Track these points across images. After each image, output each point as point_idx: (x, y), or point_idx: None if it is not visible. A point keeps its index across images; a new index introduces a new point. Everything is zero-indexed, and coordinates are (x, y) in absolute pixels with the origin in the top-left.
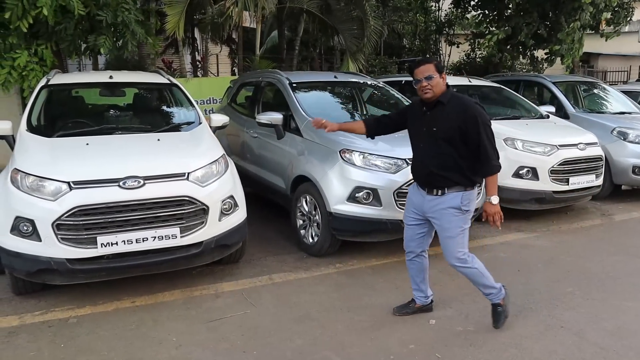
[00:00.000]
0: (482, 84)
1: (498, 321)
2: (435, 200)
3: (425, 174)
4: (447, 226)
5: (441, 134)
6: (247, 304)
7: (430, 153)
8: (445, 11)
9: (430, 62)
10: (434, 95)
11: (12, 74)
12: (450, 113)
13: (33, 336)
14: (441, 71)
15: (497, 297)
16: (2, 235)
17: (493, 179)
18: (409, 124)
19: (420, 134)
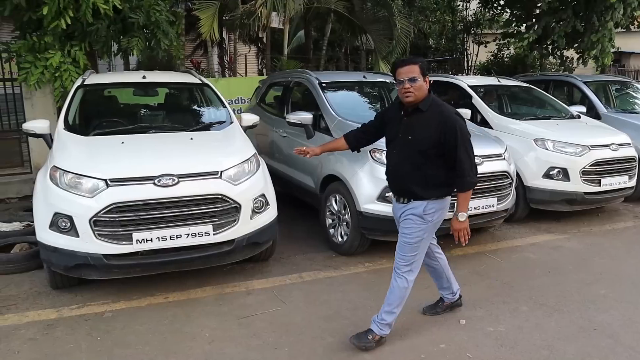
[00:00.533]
0: (511, 83)
1: (360, 339)
2: (403, 208)
3: (396, 181)
4: (407, 231)
5: (416, 144)
6: (278, 301)
7: (404, 162)
8: (473, 10)
9: (415, 63)
10: (416, 100)
11: (45, 74)
12: (428, 122)
13: (71, 329)
14: (426, 74)
15: (382, 330)
16: (42, 231)
17: (466, 195)
18: (386, 124)
19: (395, 140)
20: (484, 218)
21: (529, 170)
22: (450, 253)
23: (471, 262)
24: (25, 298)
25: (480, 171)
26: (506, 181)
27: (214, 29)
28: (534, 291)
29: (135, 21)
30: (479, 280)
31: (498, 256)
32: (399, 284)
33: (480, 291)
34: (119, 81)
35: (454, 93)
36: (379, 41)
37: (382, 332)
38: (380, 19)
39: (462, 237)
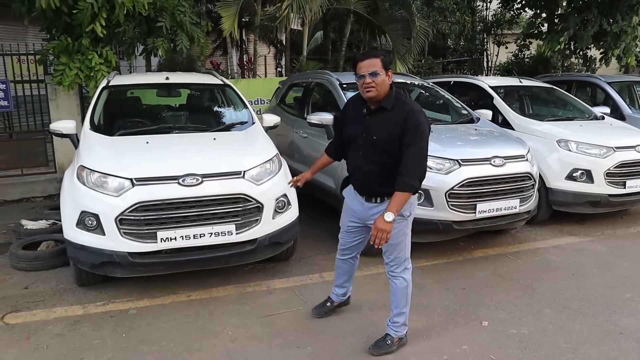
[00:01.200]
0: (533, 84)
1: (380, 348)
2: (376, 209)
3: (363, 183)
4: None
5: (381, 144)
6: (299, 300)
7: (370, 163)
8: (494, 11)
9: (376, 56)
10: (378, 95)
11: (80, 75)
12: (391, 121)
13: (96, 325)
14: (388, 68)
15: (398, 332)
16: (69, 229)
17: (401, 197)
18: (347, 124)
19: (359, 138)
20: (506, 220)
21: (551, 171)
22: (471, 254)
23: (492, 263)
24: (52, 294)
25: (502, 172)
26: (529, 183)
27: (234, 28)
28: (557, 294)
29: (163, 24)
30: (501, 282)
31: (520, 258)
32: (398, 285)
33: (502, 293)
34: (142, 82)
35: (475, 94)
36: (397, 41)
37: (399, 333)
38: (399, 19)
39: (379, 238)
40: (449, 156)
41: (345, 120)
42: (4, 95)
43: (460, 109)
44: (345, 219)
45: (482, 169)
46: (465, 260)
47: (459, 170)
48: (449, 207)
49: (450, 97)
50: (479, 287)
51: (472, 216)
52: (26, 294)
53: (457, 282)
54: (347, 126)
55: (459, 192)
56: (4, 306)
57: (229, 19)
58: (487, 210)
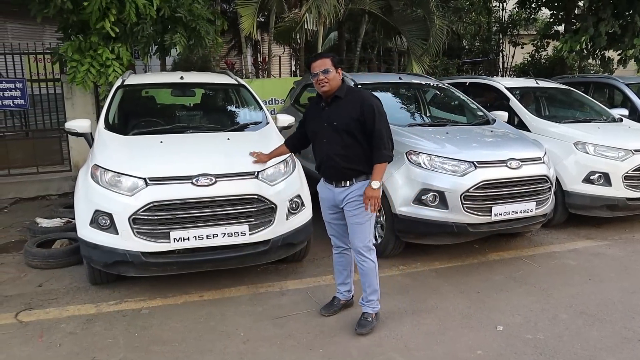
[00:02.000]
0: (550, 85)
1: (365, 326)
2: (346, 191)
3: (332, 167)
4: (356, 212)
5: (342, 126)
6: (312, 302)
7: (335, 146)
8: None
9: (326, 57)
10: (331, 89)
11: (92, 71)
12: (348, 105)
13: (109, 324)
14: (337, 66)
15: (375, 308)
16: (82, 228)
17: (381, 167)
18: (310, 123)
19: (322, 129)
20: (522, 223)
21: (568, 174)
22: (486, 257)
23: (508, 267)
24: (65, 292)
25: (518, 175)
26: (545, 185)
27: (253, 27)
28: (573, 299)
29: (181, 17)
30: (516, 286)
31: (535, 262)
32: (369, 267)
33: (517, 297)
34: (157, 82)
35: (490, 95)
36: (413, 42)
37: (376, 308)
38: (415, 19)
39: (372, 204)
40: (465, 158)
41: (307, 118)
42: (21, 94)
43: (475, 110)
44: (324, 211)
45: (498, 171)
46: (480, 263)
47: (475, 173)
48: (464, 209)
49: (466, 98)
50: (494, 291)
51: (488, 219)
52: (40, 291)
53: (472, 286)
54: (309, 123)
55: (475, 195)
56: (18, 304)
57: (249, 18)
58: (502, 213)
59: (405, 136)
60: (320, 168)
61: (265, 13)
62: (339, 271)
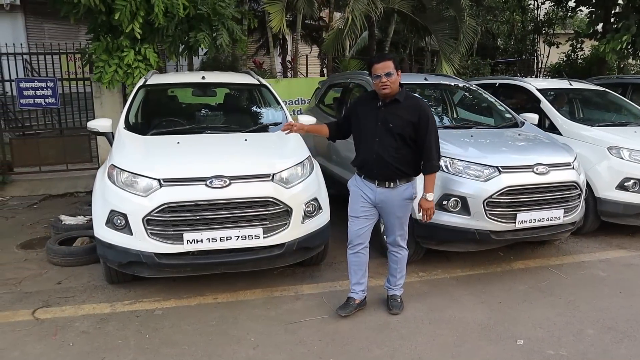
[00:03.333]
0: (584, 87)
1: (398, 307)
2: (388, 193)
3: (380, 167)
4: (401, 214)
5: (397, 129)
6: (327, 308)
7: (388, 148)
8: (545, 9)
9: (390, 59)
10: (392, 92)
11: (119, 72)
12: (405, 110)
13: (122, 324)
14: (398, 68)
15: (402, 290)
16: (98, 227)
17: (432, 177)
18: (359, 118)
19: (375, 128)
20: (549, 231)
21: (601, 180)
22: (510, 266)
23: (533, 276)
24: (82, 291)
25: (545, 181)
26: (574, 192)
27: (283, 24)
28: (602, 313)
29: (204, 13)
30: (541, 297)
31: (563, 272)
32: (404, 254)
33: (541, 309)
34: (178, 81)
35: (521, 96)
36: (443, 41)
37: (402, 290)
38: (446, 18)
39: (429, 215)
40: (489, 162)
41: (357, 114)
42: (52, 93)
43: (503, 112)
44: (356, 206)
45: (524, 177)
46: (503, 272)
47: (499, 178)
48: (487, 216)
49: (494, 99)
50: (517, 302)
51: (512, 226)
52: (58, 289)
53: (494, 295)
54: (360, 120)
55: (498, 201)
56: (36, 301)
57: (278, 15)
58: (528, 220)
59: None
60: (364, 166)
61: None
62: (355, 271)
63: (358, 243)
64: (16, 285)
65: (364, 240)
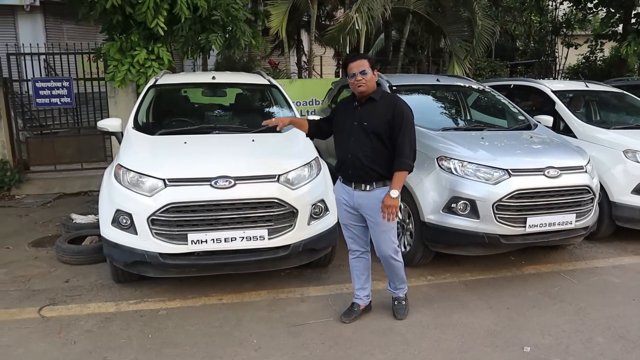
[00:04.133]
0: (600, 89)
1: (404, 310)
2: (365, 195)
3: (354, 168)
4: (381, 220)
5: (372, 128)
6: (332, 311)
7: (362, 147)
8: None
9: (364, 58)
10: (367, 90)
11: (131, 71)
12: (380, 108)
13: (125, 324)
14: (374, 67)
15: (404, 290)
16: (104, 227)
17: (400, 175)
18: (338, 120)
19: (351, 128)
20: (560, 235)
21: (616, 184)
22: (521, 270)
23: (543, 281)
24: (89, 289)
25: (556, 184)
26: (587, 196)
27: (282, 26)
28: (613, 321)
29: (218, 17)
30: (550, 304)
31: (575, 277)
32: (398, 265)
33: (550, 316)
34: (188, 82)
35: (536, 98)
36: (457, 43)
37: (405, 290)
38: (460, 19)
39: (390, 213)
40: (498, 165)
41: (336, 115)
42: (67, 92)
43: (516, 114)
44: (341, 213)
45: (534, 180)
46: (513, 277)
47: (509, 181)
48: (497, 219)
49: (507, 101)
50: (525, 308)
51: (522, 230)
52: (66, 287)
53: (502, 301)
54: (338, 120)
55: (508, 204)
56: (43, 298)
57: (278, 16)
58: (538, 224)
59: (437, 141)
60: (341, 168)
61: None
62: (357, 276)
63: (355, 249)
64: (25, 283)
65: (361, 247)
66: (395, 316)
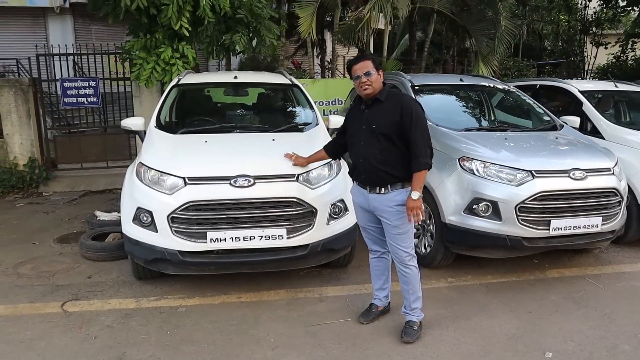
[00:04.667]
0: (631, 89)
1: (412, 335)
2: (380, 198)
3: (367, 171)
4: (397, 223)
5: (380, 129)
6: (350, 311)
7: (372, 149)
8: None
9: (368, 59)
10: (373, 91)
11: (157, 69)
12: (387, 109)
13: (145, 320)
14: (379, 68)
15: (420, 316)
16: (126, 224)
17: (419, 176)
18: (349, 125)
19: (360, 131)
20: (586, 239)
21: None
22: (544, 274)
23: (567, 286)
24: (111, 285)
25: (582, 187)
26: (614, 199)
27: (312, 28)
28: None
29: (243, 16)
30: (575, 309)
31: (600, 282)
32: (413, 273)
33: (574, 321)
34: (210, 81)
35: (563, 99)
36: (482, 42)
37: (420, 316)
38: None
39: (415, 215)
40: (522, 166)
41: (348, 120)
42: (94, 92)
43: (542, 115)
44: (358, 215)
45: (559, 182)
46: (536, 280)
47: (533, 182)
48: (519, 221)
49: (532, 101)
50: (548, 312)
51: (545, 233)
52: (88, 283)
53: (524, 305)
54: (350, 125)
55: (531, 206)
56: (66, 294)
57: (307, 19)
58: (562, 227)
59: (459, 141)
60: (354, 171)
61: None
62: (377, 276)
63: (375, 250)
64: (49, 278)
65: (381, 247)
66: (402, 337)
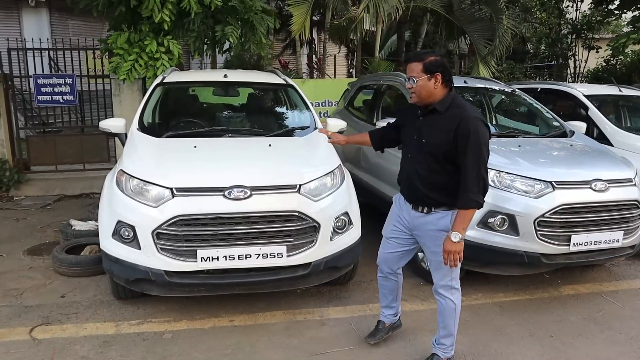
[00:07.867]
0: (635, 94)
1: None
2: (422, 219)
3: (408, 189)
4: (437, 250)
5: (429, 147)
6: (356, 336)
7: (417, 166)
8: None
9: (417, 60)
10: (420, 101)
11: (140, 62)
12: (444, 124)
13: (126, 349)
14: (433, 71)
15: (446, 353)
16: (104, 239)
17: (465, 215)
18: (403, 128)
19: (411, 142)
20: (605, 255)
21: None
22: (558, 291)
23: (585, 305)
24: (87, 306)
25: (605, 199)
26: (635, 212)
27: (305, 28)
28: None
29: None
30: (597, 331)
31: (619, 300)
32: (446, 307)
33: (600, 346)
34: (198, 80)
35: (565, 103)
36: (480, 42)
37: (447, 354)
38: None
39: (452, 260)
40: (541, 177)
41: (403, 120)
42: (70, 90)
43: (550, 120)
44: (389, 225)
45: (581, 194)
46: (551, 299)
47: (553, 195)
48: (538, 236)
49: (540, 105)
50: (571, 336)
51: (565, 249)
52: (61, 303)
53: (543, 327)
54: (403, 129)
55: (551, 220)
56: (36, 317)
57: (300, 17)
58: (583, 243)
59: None
60: (401, 184)
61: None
62: (384, 294)
63: (387, 269)
64: (17, 298)
65: (392, 267)
66: None
